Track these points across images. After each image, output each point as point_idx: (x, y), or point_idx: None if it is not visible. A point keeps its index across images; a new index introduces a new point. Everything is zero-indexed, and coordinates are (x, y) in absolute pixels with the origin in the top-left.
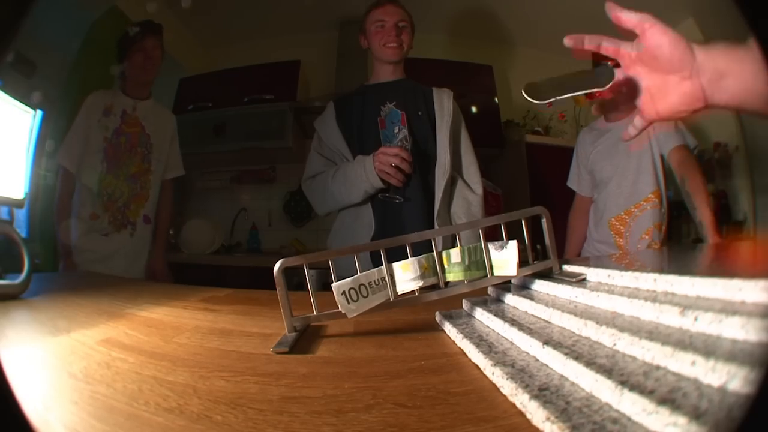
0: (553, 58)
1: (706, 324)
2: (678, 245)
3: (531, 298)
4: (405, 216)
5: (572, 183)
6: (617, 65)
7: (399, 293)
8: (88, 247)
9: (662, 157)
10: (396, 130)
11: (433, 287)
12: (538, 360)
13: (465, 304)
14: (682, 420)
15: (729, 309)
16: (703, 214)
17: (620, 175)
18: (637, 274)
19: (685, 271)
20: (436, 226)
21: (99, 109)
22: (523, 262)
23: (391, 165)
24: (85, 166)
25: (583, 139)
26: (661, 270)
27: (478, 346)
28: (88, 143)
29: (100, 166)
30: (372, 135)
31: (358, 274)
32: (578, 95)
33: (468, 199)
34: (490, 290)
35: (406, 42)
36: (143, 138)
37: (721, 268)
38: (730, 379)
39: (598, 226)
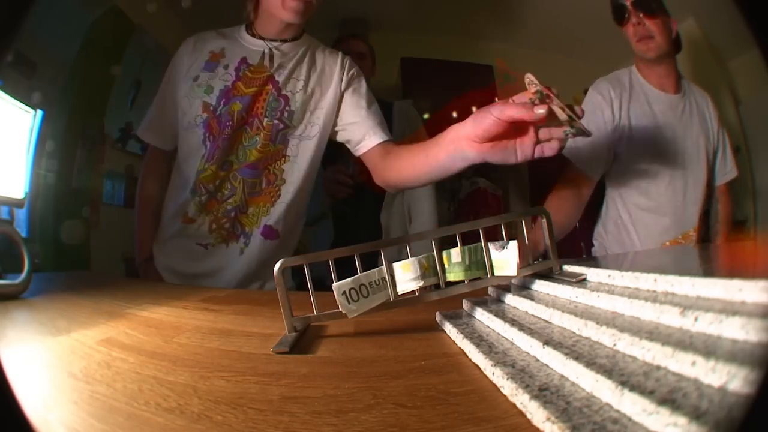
0: (553, 58)
1: (706, 324)
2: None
3: (531, 298)
4: (355, 223)
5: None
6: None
7: (399, 293)
8: (178, 257)
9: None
10: None
11: (434, 287)
12: (538, 360)
13: (465, 305)
14: (682, 420)
15: (729, 309)
16: (721, 224)
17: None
18: (637, 274)
19: (686, 271)
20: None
21: (198, 60)
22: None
23: (336, 182)
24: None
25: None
26: (662, 270)
27: (478, 346)
28: (183, 114)
29: (197, 150)
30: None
31: (359, 274)
32: None
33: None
34: (490, 290)
35: (364, 71)
36: (275, 103)
37: (721, 269)
38: (730, 379)
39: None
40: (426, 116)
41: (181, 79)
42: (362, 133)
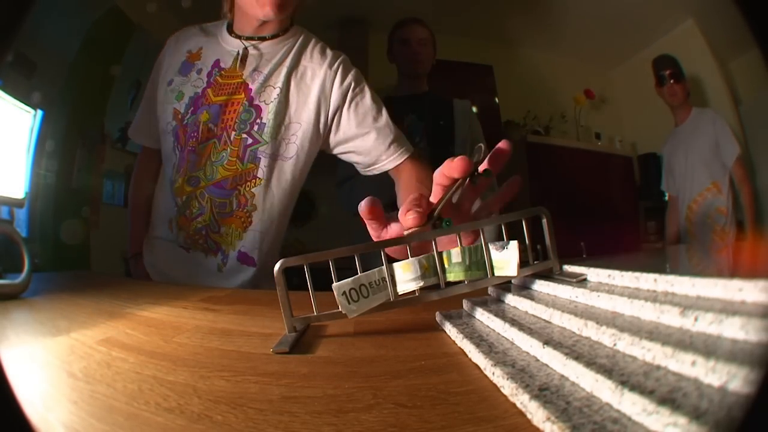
0: (553, 58)
1: (706, 324)
2: (679, 246)
3: (531, 298)
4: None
5: (663, 185)
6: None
7: (399, 293)
8: (163, 257)
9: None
10: (416, 140)
11: (434, 287)
12: (538, 360)
13: (465, 304)
14: (682, 420)
15: (729, 309)
16: (747, 212)
17: (683, 169)
18: (637, 274)
19: (686, 271)
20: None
21: (176, 61)
22: (523, 263)
23: None
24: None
25: (666, 142)
26: (662, 270)
27: (478, 346)
28: (159, 119)
29: (170, 158)
30: None
31: (359, 274)
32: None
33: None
34: (490, 290)
35: (425, 59)
36: (246, 114)
37: (721, 269)
38: (730, 379)
39: (681, 220)
40: None
41: (159, 82)
42: (375, 155)
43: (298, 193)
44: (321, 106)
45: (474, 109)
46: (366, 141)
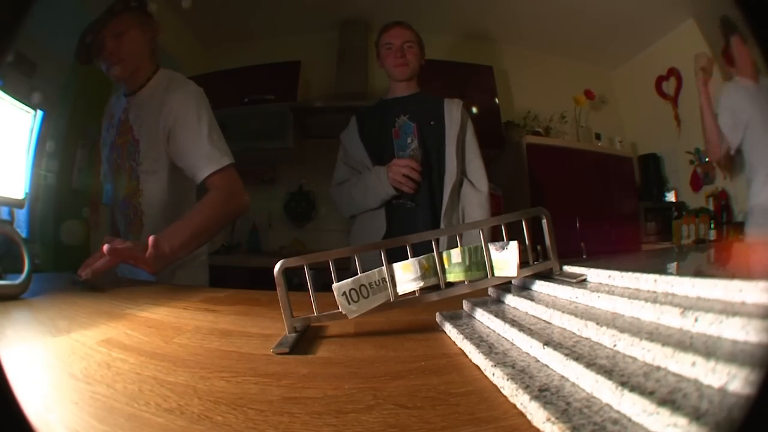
0: (553, 58)
1: (706, 325)
2: (678, 246)
3: (531, 298)
4: (414, 219)
5: (732, 137)
6: None
7: (399, 294)
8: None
9: None
10: (408, 141)
11: (434, 288)
12: (538, 361)
13: (465, 305)
14: (682, 421)
15: (729, 310)
16: None
17: None
18: (637, 274)
19: (686, 271)
20: (442, 227)
21: (104, 123)
22: (523, 263)
23: (402, 175)
24: None
25: (741, 96)
26: (662, 271)
27: (478, 346)
28: (103, 162)
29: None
30: (387, 145)
31: (359, 274)
32: None
33: (473, 198)
34: (490, 291)
35: (412, 61)
36: (131, 147)
37: (721, 269)
38: (730, 380)
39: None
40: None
41: (101, 140)
42: (192, 170)
43: (176, 197)
44: (164, 129)
45: (474, 109)
46: (185, 157)
